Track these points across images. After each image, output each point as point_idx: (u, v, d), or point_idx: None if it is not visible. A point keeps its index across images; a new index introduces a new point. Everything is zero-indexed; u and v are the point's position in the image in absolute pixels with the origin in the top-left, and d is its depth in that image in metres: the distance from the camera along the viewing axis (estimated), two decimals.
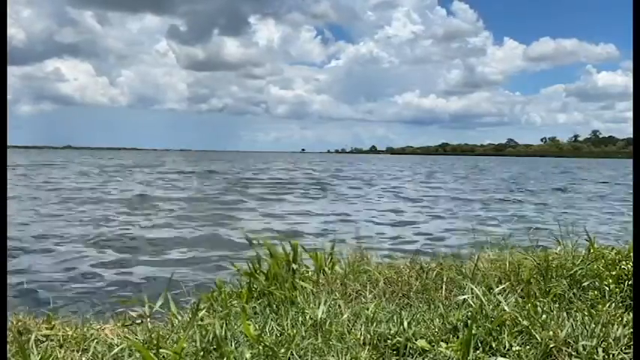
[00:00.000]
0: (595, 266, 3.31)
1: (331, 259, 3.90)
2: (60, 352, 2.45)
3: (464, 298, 2.91)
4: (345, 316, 2.78)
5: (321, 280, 3.55)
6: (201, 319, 2.84)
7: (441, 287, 3.26)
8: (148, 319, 3.02)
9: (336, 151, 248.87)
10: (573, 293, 3.09)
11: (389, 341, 2.48)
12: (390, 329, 2.56)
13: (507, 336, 2.42)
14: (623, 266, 3.21)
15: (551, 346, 2.34)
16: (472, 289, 2.91)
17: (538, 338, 2.39)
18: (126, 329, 2.87)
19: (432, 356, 2.37)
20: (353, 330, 2.61)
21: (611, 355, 2.27)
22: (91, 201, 17.90)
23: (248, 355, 2.27)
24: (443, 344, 2.42)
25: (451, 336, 2.53)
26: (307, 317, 2.75)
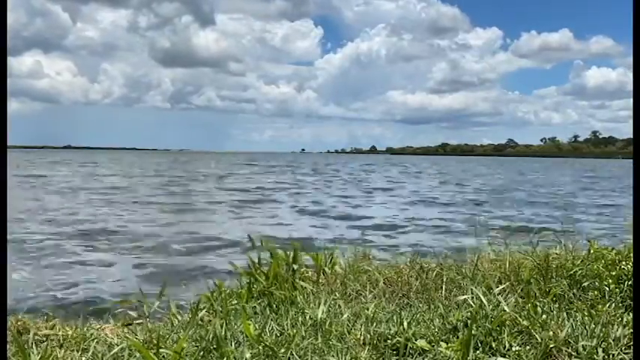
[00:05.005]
0: (595, 266, 3.31)
1: (332, 259, 3.90)
2: (60, 352, 2.45)
3: (464, 299, 2.91)
4: (345, 316, 2.78)
5: (321, 280, 3.55)
6: (201, 319, 2.85)
7: (441, 287, 3.26)
8: (148, 319, 3.03)
9: (336, 151, 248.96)
10: (573, 293, 3.09)
11: (389, 341, 2.48)
12: (390, 329, 2.56)
13: (507, 336, 2.42)
14: (623, 266, 3.21)
15: (551, 346, 2.34)
16: (472, 289, 2.91)
17: (538, 338, 2.39)
18: (126, 329, 2.87)
19: (431, 356, 2.37)
20: (353, 330, 2.61)
21: (611, 355, 2.27)
22: None
23: (248, 355, 2.26)
24: (443, 344, 2.41)
25: (451, 336, 2.52)
26: (307, 317, 2.74)
